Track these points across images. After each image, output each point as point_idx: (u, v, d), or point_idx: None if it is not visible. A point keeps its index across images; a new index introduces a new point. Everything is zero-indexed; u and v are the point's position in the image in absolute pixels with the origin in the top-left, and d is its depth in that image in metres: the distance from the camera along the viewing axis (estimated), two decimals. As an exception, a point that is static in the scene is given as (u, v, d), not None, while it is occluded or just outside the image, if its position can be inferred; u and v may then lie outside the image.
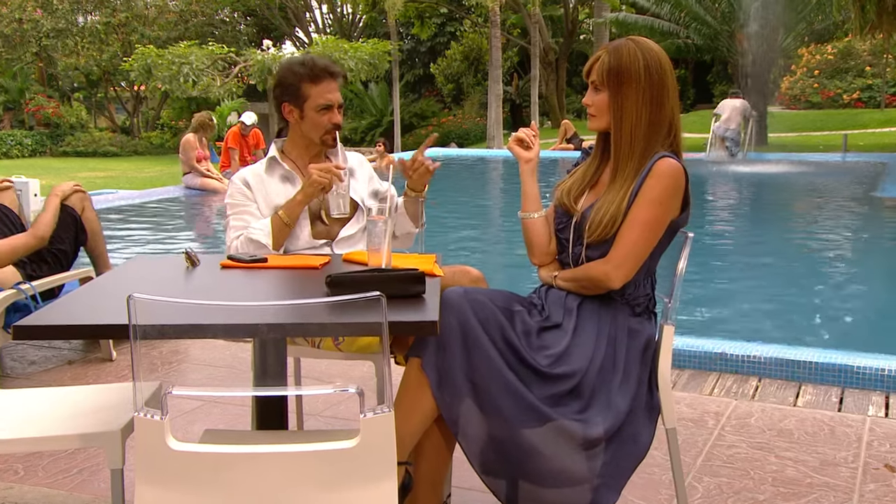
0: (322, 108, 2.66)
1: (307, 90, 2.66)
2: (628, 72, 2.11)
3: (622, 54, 2.12)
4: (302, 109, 2.68)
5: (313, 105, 2.66)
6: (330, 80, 2.68)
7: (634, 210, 2.10)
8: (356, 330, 1.77)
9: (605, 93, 2.14)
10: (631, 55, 2.11)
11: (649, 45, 2.15)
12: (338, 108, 2.70)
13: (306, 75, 2.66)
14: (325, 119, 2.68)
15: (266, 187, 2.70)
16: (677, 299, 2.21)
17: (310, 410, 3.17)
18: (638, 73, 2.10)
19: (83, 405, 2.04)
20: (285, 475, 1.57)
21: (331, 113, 2.68)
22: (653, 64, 2.11)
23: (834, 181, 12.77)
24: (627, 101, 2.12)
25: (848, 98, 22.85)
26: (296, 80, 2.67)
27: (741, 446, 2.88)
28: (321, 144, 2.74)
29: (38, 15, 23.04)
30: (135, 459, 1.59)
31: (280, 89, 2.71)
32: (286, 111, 2.71)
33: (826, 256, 7.26)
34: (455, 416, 1.98)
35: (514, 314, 2.10)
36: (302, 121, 2.70)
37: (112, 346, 3.95)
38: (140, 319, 1.53)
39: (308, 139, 2.73)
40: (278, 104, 2.73)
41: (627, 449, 2.03)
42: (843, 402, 3.30)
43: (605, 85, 2.14)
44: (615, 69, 2.12)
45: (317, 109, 2.67)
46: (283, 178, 2.72)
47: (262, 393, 2.02)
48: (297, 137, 2.76)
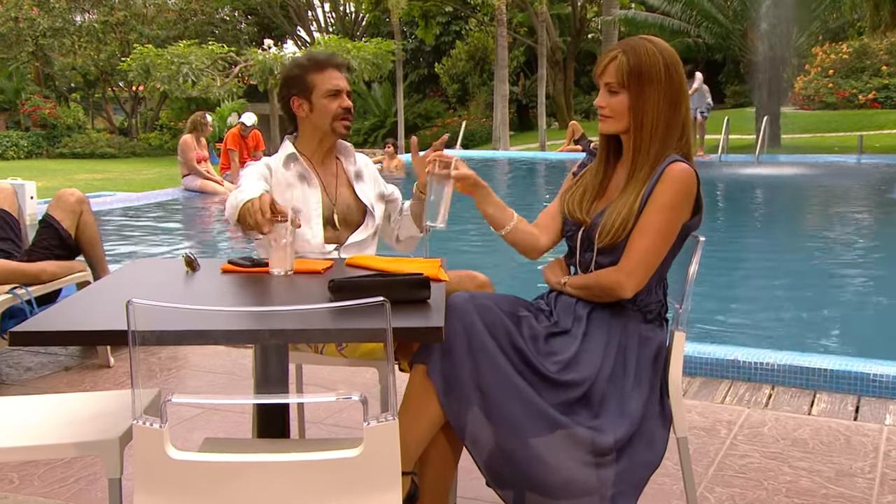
0: (331, 93, 2.70)
1: (313, 79, 2.70)
2: (649, 72, 2.09)
3: (641, 54, 2.10)
4: (310, 100, 2.71)
5: (321, 92, 2.69)
6: (334, 69, 2.73)
7: (646, 216, 2.09)
8: (360, 336, 1.77)
9: (624, 94, 2.12)
10: (650, 55, 2.10)
11: (664, 44, 2.14)
12: (346, 94, 2.73)
13: (311, 66, 2.71)
14: (335, 105, 2.71)
15: (282, 179, 2.70)
16: (689, 305, 2.20)
17: (312, 418, 3.17)
18: (659, 74, 2.10)
19: (80, 413, 2.04)
20: (287, 485, 1.57)
21: (340, 98, 2.71)
22: (671, 64, 2.11)
23: (849, 184, 12.74)
24: (648, 103, 2.10)
25: (864, 98, 22.81)
26: (301, 72, 2.72)
27: (754, 456, 2.88)
28: (333, 133, 2.74)
29: (34, 13, 23.13)
30: (133, 469, 1.59)
31: (287, 87, 2.74)
32: (295, 105, 2.73)
33: (841, 261, 7.24)
34: (463, 424, 1.97)
35: (521, 319, 2.10)
36: (312, 112, 2.72)
37: (110, 353, 3.95)
38: (139, 325, 1.53)
39: (321, 131, 2.74)
40: (286, 102, 2.75)
41: (642, 457, 2.02)
42: (860, 411, 3.29)
43: (624, 86, 2.11)
44: (636, 69, 2.10)
45: (326, 95, 2.70)
46: (300, 176, 2.73)
47: (263, 400, 2.03)
48: (309, 132, 2.77)
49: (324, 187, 2.74)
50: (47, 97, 25.17)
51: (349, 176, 2.82)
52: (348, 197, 2.78)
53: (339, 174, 2.81)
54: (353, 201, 2.78)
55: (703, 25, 20.02)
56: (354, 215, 2.77)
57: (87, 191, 10.22)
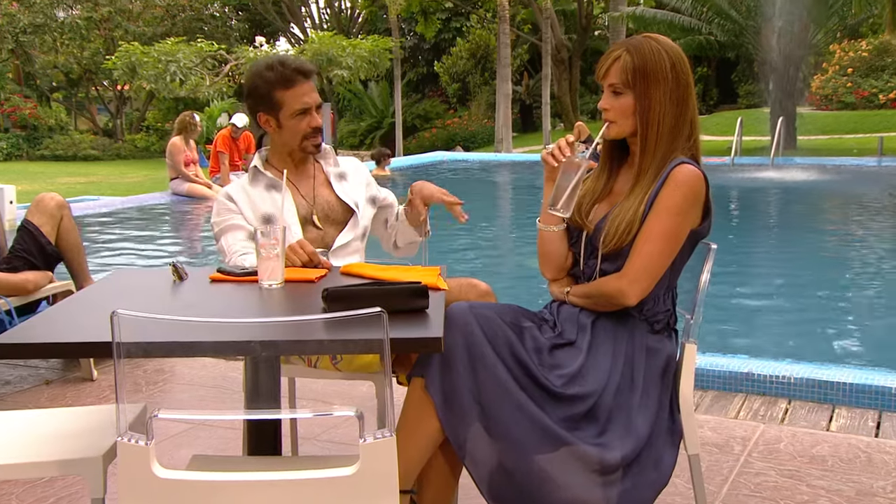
0: (299, 112, 2.66)
1: (281, 97, 2.65)
2: (655, 72, 2.11)
3: (646, 52, 2.11)
4: (278, 118, 2.68)
5: (289, 112, 2.66)
6: (304, 82, 2.67)
7: (651, 221, 2.10)
8: (355, 348, 1.77)
9: (630, 95, 2.13)
10: (655, 53, 2.11)
11: (668, 41, 2.15)
12: (316, 109, 2.70)
13: (277, 81, 2.64)
14: (304, 124, 2.68)
15: (251, 198, 2.71)
16: (700, 315, 2.20)
17: (305, 434, 3.17)
18: (665, 73, 2.11)
19: (62, 429, 2.04)
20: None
21: (309, 117, 2.68)
22: (678, 62, 2.12)
23: (869, 188, 12.74)
24: (654, 103, 2.11)
25: (884, 98, 22.80)
26: (267, 87, 2.65)
27: (770, 474, 2.87)
28: (302, 151, 2.74)
29: (14, 9, 23.19)
30: (117, 488, 1.59)
31: (252, 99, 2.70)
32: (262, 121, 2.72)
33: (861, 270, 7.24)
34: (462, 441, 1.98)
35: (524, 330, 2.10)
36: (280, 129, 2.70)
37: (93, 365, 3.95)
38: (124, 337, 1.53)
39: (289, 147, 2.74)
40: (253, 114, 2.74)
41: (648, 476, 2.02)
42: (881, 427, 3.29)
43: (629, 86, 2.12)
44: (641, 69, 2.11)
45: (293, 115, 2.66)
46: (269, 186, 2.73)
47: (254, 416, 2.03)
48: (277, 146, 2.77)
49: (297, 189, 2.75)
50: (28, 97, 25.21)
51: (328, 176, 2.82)
52: (328, 195, 2.79)
53: (317, 175, 2.82)
54: (335, 200, 2.78)
55: (716, 22, 20.05)
56: (337, 214, 2.77)
57: (70, 195, 10.26)
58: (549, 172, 2.23)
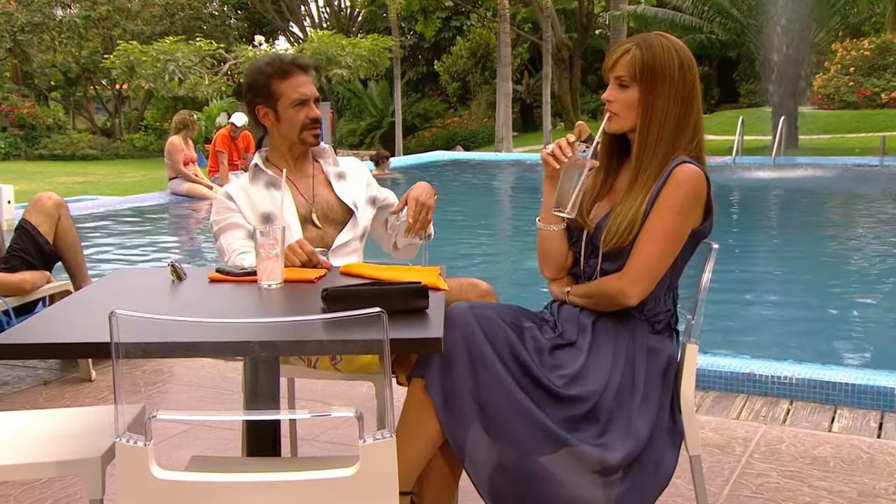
0: (297, 102, 2.69)
1: (278, 87, 2.69)
2: (663, 69, 2.11)
3: (655, 49, 2.12)
4: (276, 109, 2.71)
5: (287, 101, 2.69)
6: (301, 74, 2.71)
7: (652, 220, 2.10)
8: (355, 348, 1.77)
9: (635, 89, 2.14)
10: (665, 51, 2.12)
11: (680, 42, 2.17)
12: (314, 101, 2.73)
13: (275, 72, 2.69)
14: (302, 115, 2.71)
15: (250, 196, 2.73)
16: (701, 315, 2.21)
17: (305, 435, 3.17)
18: (673, 71, 2.11)
19: (60, 430, 2.04)
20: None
21: (307, 107, 2.71)
22: (686, 62, 2.13)
23: (871, 188, 12.74)
24: (659, 100, 2.12)
25: (886, 97, 22.79)
26: (265, 79, 2.70)
27: (771, 475, 2.87)
28: (301, 143, 2.76)
29: (11, 7, 23.18)
30: (116, 489, 1.59)
31: (251, 93, 2.74)
32: (261, 115, 2.75)
33: (863, 270, 7.23)
34: (462, 442, 1.98)
35: (525, 330, 2.10)
36: (279, 122, 2.73)
37: (91, 366, 3.95)
38: (123, 337, 1.53)
39: (289, 141, 2.76)
40: (252, 109, 2.76)
41: (648, 477, 2.02)
42: (883, 428, 3.29)
43: (636, 81, 2.13)
44: (649, 65, 2.12)
45: (292, 105, 2.69)
46: (268, 184, 2.75)
47: (253, 417, 2.03)
48: (277, 141, 2.79)
49: (296, 187, 2.76)
50: (26, 96, 25.18)
51: (328, 176, 2.83)
52: (328, 195, 2.80)
53: (316, 174, 2.83)
54: (334, 199, 2.79)
55: (717, 21, 20.04)
56: (337, 213, 2.78)
57: (68, 194, 10.25)
58: (548, 172, 2.24)
